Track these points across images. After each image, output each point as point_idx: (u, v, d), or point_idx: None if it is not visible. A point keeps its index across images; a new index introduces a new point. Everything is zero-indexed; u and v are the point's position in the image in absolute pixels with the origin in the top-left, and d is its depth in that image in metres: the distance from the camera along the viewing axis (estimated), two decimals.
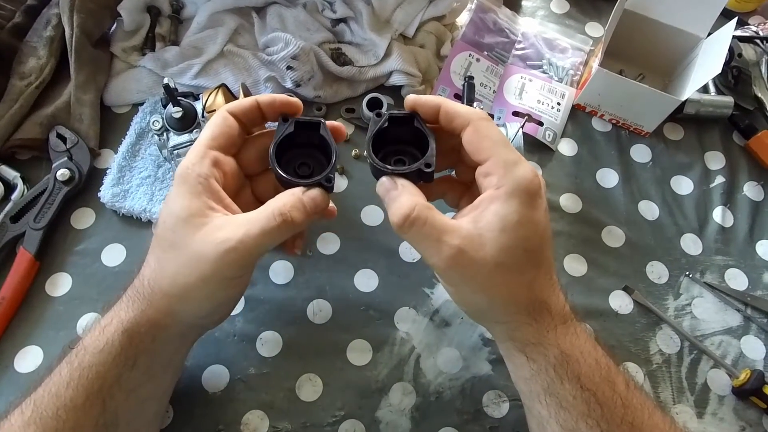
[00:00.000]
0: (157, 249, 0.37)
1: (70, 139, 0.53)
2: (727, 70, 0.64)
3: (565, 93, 0.63)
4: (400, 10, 0.61)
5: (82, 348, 0.36)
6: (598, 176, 0.59)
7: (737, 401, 0.50)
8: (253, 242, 0.34)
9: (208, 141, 0.38)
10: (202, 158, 0.37)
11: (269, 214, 0.35)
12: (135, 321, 0.36)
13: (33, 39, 0.56)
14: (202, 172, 0.36)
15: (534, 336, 0.36)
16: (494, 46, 0.64)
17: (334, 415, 0.46)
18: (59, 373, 0.35)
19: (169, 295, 0.36)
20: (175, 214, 0.36)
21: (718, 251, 0.56)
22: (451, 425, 0.47)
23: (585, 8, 0.70)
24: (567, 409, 0.35)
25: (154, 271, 0.37)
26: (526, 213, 0.35)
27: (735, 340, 0.52)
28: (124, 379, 0.36)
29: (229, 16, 0.61)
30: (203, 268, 0.35)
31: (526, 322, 0.36)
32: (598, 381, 0.36)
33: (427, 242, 0.35)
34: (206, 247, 0.34)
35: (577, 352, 0.36)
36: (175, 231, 0.35)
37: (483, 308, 0.38)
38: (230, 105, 0.40)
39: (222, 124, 0.39)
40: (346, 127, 0.59)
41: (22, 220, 0.51)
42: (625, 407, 0.35)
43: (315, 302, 0.51)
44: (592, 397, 0.35)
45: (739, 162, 0.61)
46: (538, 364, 0.36)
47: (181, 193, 0.36)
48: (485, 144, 0.36)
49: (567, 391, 0.35)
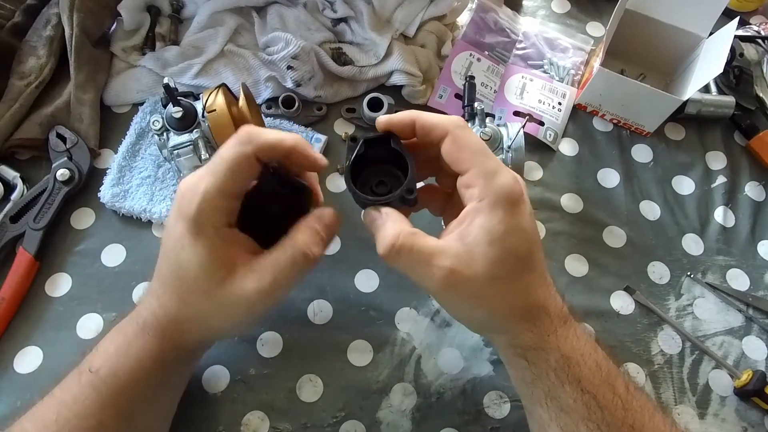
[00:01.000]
0: (177, 290, 0.36)
1: (69, 139, 0.53)
2: (728, 70, 0.63)
3: (566, 93, 0.63)
4: (400, 9, 0.60)
5: (111, 375, 0.36)
6: (599, 176, 0.59)
7: (739, 402, 0.49)
8: (281, 287, 0.36)
9: (226, 186, 0.35)
10: (218, 209, 0.35)
11: (294, 258, 0.35)
12: (169, 351, 0.37)
13: (33, 38, 0.56)
14: (218, 223, 0.35)
15: (534, 341, 0.36)
16: (495, 46, 0.64)
17: (334, 416, 0.46)
18: (85, 398, 0.35)
19: (201, 333, 0.38)
20: (195, 265, 0.35)
21: (719, 251, 0.56)
22: (452, 426, 0.47)
23: (586, 8, 0.70)
24: (568, 412, 0.35)
25: (182, 311, 0.36)
26: (512, 221, 0.34)
27: (737, 341, 0.52)
28: (155, 400, 0.38)
29: (230, 15, 0.60)
30: (235, 315, 0.36)
31: (525, 329, 0.36)
32: (599, 384, 0.35)
33: (418, 268, 0.34)
34: (236, 300, 0.35)
35: (578, 355, 0.36)
36: (199, 279, 0.35)
37: (482, 322, 0.38)
38: (258, 146, 0.35)
39: (248, 171, 0.35)
40: (347, 127, 0.59)
41: (21, 220, 0.51)
42: (626, 410, 0.35)
43: (315, 303, 0.50)
44: (593, 400, 0.35)
45: (740, 162, 0.61)
46: (539, 368, 0.36)
47: (201, 241, 0.34)
48: (464, 154, 0.35)
49: (567, 394, 0.35)
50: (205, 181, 0.34)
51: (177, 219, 0.35)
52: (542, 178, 0.58)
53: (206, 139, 0.50)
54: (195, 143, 0.50)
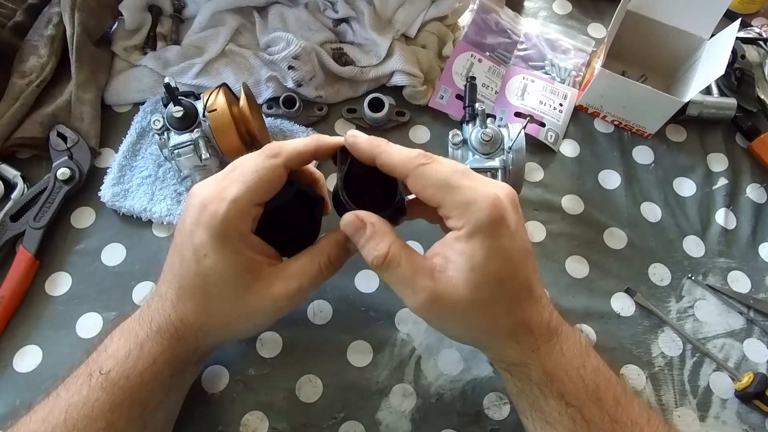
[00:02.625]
0: (201, 298, 0.36)
1: (70, 138, 0.53)
2: (730, 72, 0.63)
3: (567, 94, 0.62)
4: (401, 10, 0.61)
5: (122, 378, 0.36)
6: (600, 178, 0.59)
7: (740, 404, 0.49)
8: (304, 293, 0.37)
9: (255, 195, 0.35)
10: (245, 216, 0.35)
11: (317, 269, 0.37)
12: (185, 355, 0.38)
13: (34, 38, 0.56)
14: (243, 230, 0.35)
15: (517, 358, 0.36)
16: (496, 47, 0.64)
17: (334, 417, 0.46)
18: (95, 399, 0.35)
19: (219, 336, 0.39)
20: (223, 272, 0.35)
21: (720, 253, 0.56)
22: (452, 427, 0.46)
23: (587, 9, 0.70)
24: (553, 425, 0.36)
25: (203, 318, 0.37)
26: (493, 245, 0.34)
27: (738, 343, 0.52)
28: (165, 402, 0.38)
29: (231, 15, 0.60)
30: (259, 320, 0.38)
31: (508, 346, 0.36)
32: (584, 399, 0.35)
33: (402, 285, 0.35)
34: (263, 304, 0.36)
35: (562, 372, 0.36)
36: (225, 287, 0.35)
37: (465, 338, 0.40)
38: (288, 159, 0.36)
39: (276, 182, 0.36)
40: (348, 128, 0.59)
41: (22, 219, 0.51)
42: (614, 423, 0.35)
43: (315, 303, 0.50)
44: (578, 413, 0.35)
45: (741, 164, 0.61)
46: (522, 382, 0.37)
47: (226, 250, 0.34)
48: (429, 192, 0.35)
49: (552, 408, 0.36)
50: (234, 190, 0.35)
51: (197, 226, 0.35)
52: (543, 180, 0.58)
53: (207, 138, 0.50)
54: (195, 143, 0.50)
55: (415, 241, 0.53)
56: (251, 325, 0.39)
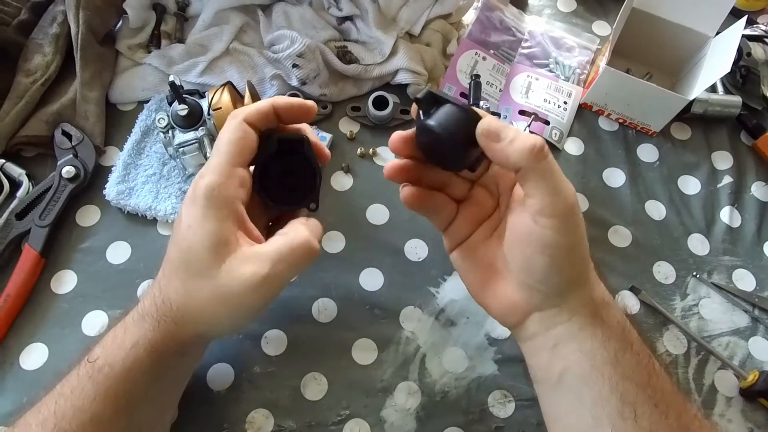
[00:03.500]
0: (183, 274, 0.36)
1: (75, 137, 0.53)
2: (735, 70, 0.63)
3: (571, 92, 0.62)
4: (406, 8, 0.60)
5: (107, 365, 0.35)
6: (605, 176, 0.59)
7: (745, 403, 0.49)
8: (279, 278, 0.35)
9: (234, 158, 0.37)
10: (228, 178, 0.36)
11: (294, 249, 0.36)
12: (164, 342, 0.37)
13: (39, 36, 0.56)
14: (229, 194, 0.36)
15: (604, 296, 0.37)
16: (501, 45, 0.64)
17: (339, 414, 0.46)
18: (81, 388, 0.35)
19: (198, 321, 0.37)
20: (202, 240, 0.35)
21: (725, 251, 0.56)
22: (457, 425, 0.46)
23: (592, 7, 0.70)
24: (630, 378, 0.35)
25: (181, 297, 0.36)
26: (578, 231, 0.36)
27: (743, 341, 0.52)
28: (151, 393, 0.37)
29: (235, 13, 0.60)
30: (231, 302, 0.36)
31: (598, 281, 0.38)
32: (648, 347, 0.37)
33: (555, 177, 0.34)
34: (234, 282, 0.35)
35: (629, 321, 0.38)
36: (202, 258, 0.35)
37: (584, 262, 0.37)
38: (248, 114, 0.38)
39: (243, 138, 0.37)
40: (352, 126, 0.59)
41: (27, 217, 0.51)
42: (669, 375, 0.36)
43: (320, 301, 0.50)
44: (650, 362, 0.35)
45: (746, 162, 0.61)
46: (610, 327, 0.36)
47: (209, 217, 0.35)
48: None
49: (630, 357, 0.35)
50: (211, 161, 0.37)
51: (188, 205, 0.36)
52: None
53: (211, 136, 0.50)
54: (200, 141, 0.50)
55: (419, 239, 0.53)
56: (224, 310, 0.36)
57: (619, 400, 0.34)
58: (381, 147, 0.58)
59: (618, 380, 0.35)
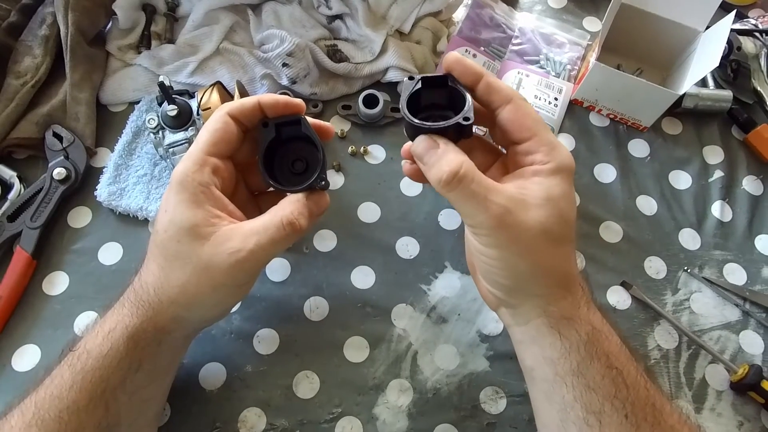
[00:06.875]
0: (160, 258, 0.37)
1: (66, 138, 0.53)
2: (726, 64, 0.63)
3: (562, 88, 0.62)
4: (395, 6, 0.60)
5: (85, 352, 0.36)
6: (596, 171, 0.59)
7: (735, 396, 0.49)
8: (264, 251, 0.36)
9: (207, 147, 0.38)
10: (201, 166, 0.37)
11: (278, 224, 0.36)
12: (141, 327, 0.37)
13: (28, 38, 0.56)
14: (202, 180, 0.36)
15: (568, 310, 0.36)
16: (491, 42, 0.64)
17: (331, 412, 0.47)
18: (60, 376, 0.35)
19: (177, 303, 0.37)
20: (178, 225, 0.36)
21: (716, 246, 0.56)
22: (449, 422, 0.47)
23: (582, 3, 0.70)
24: (594, 389, 0.35)
25: (159, 279, 0.37)
26: (567, 189, 0.36)
27: (733, 335, 0.52)
28: (128, 383, 0.37)
29: (225, 13, 0.60)
30: (215, 279, 0.36)
31: (562, 296, 0.37)
32: (624, 360, 0.36)
33: (474, 201, 0.34)
34: (217, 258, 0.35)
35: (606, 329, 0.37)
36: (180, 241, 0.36)
37: (523, 276, 0.36)
38: (231, 107, 0.39)
39: (222, 129, 0.38)
40: (343, 124, 0.59)
41: (18, 219, 0.51)
42: (647, 389, 0.35)
43: (312, 299, 0.51)
44: (620, 376, 0.35)
45: (737, 156, 0.61)
46: (570, 341, 0.36)
47: (182, 202, 0.36)
48: (527, 122, 0.37)
49: (596, 370, 0.35)
50: (190, 150, 0.38)
51: (166, 193, 0.37)
52: None
53: None
54: (190, 141, 0.50)
55: (411, 237, 0.54)
56: (208, 288, 0.36)
57: (583, 409, 0.35)
58: (372, 145, 0.58)
59: (582, 390, 0.35)
